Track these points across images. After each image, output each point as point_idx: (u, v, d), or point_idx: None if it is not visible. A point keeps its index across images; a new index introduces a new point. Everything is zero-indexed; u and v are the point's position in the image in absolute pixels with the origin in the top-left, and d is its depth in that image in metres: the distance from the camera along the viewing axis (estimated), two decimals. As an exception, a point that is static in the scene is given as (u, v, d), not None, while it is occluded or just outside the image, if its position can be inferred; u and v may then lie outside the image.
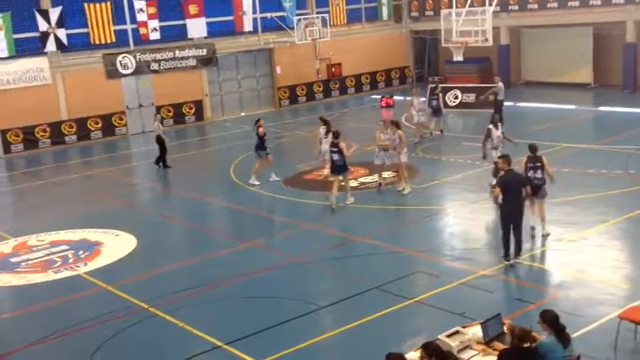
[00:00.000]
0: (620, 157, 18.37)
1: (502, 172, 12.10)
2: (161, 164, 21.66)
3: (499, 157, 13.03)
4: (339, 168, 15.90)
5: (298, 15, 31.92)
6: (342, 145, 15.80)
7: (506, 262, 11.88)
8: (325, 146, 17.58)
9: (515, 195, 11.67)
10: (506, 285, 11.26)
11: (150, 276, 12.91)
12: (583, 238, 12.99)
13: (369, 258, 12.95)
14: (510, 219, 11.76)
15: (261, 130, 18.40)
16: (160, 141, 21.45)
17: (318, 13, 32.60)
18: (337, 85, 34.32)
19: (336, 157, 15.82)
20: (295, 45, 31.59)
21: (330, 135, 16.77)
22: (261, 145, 18.44)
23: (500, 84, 23.14)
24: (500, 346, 7.44)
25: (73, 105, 26.98)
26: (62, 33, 26.44)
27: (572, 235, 13.20)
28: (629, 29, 28.79)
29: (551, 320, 7.18)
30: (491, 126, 16.18)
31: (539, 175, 12.74)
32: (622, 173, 16.94)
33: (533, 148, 12.99)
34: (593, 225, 13.58)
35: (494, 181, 13.20)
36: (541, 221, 13.16)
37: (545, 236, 13.07)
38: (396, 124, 17.04)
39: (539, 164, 12.76)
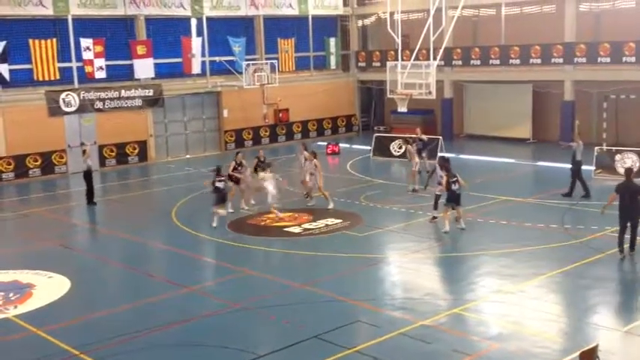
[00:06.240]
0: (556, 211, 18.85)
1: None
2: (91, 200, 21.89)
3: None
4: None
5: (247, 60, 32.16)
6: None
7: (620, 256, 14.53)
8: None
9: (630, 200, 14.38)
10: (445, 336, 11.30)
11: (82, 321, 12.48)
12: (520, 291, 13.19)
13: (310, 306, 12.84)
14: (625, 219, 14.52)
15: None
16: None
17: (267, 59, 32.90)
18: (284, 131, 34.50)
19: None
20: (243, 89, 31.72)
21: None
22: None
23: (578, 142, 20.44)
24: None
25: (12, 141, 26.34)
26: (5, 68, 26.03)
27: (510, 287, 13.40)
28: (567, 88, 29.94)
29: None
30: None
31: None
32: (558, 227, 17.36)
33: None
34: (530, 278, 13.82)
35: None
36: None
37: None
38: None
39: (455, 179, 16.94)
